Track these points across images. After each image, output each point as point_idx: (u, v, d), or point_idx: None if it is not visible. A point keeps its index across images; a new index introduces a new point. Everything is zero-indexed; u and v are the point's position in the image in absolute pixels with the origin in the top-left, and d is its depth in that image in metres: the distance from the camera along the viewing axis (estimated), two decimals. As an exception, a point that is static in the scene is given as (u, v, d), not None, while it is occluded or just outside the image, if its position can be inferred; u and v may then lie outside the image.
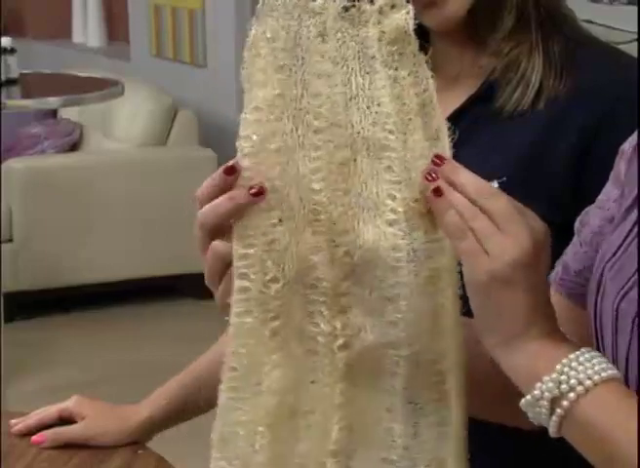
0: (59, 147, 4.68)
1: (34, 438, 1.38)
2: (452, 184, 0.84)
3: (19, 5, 6.05)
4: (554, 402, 0.83)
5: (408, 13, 0.85)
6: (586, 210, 1.02)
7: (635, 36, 2.72)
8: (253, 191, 0.84)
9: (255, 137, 0.85)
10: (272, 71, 0.85)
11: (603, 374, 0.83)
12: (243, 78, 0.86)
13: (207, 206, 0.86)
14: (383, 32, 0.85)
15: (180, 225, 4.42)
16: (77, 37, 6.06)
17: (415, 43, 0.86)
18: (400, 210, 0.84)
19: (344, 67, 0.85)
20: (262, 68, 0.85)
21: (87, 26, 5.96)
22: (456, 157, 0.87)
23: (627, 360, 0.89)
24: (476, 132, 1.22)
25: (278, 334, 0.86)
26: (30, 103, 3.71)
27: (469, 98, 1.26)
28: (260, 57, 0.85)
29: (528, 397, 0.84)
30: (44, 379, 3.76)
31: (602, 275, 0.93)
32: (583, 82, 1.22)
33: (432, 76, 0.86)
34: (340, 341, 0.86)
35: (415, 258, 0.84)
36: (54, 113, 4.92)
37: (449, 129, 0.88)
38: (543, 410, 0.83)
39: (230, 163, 0.85)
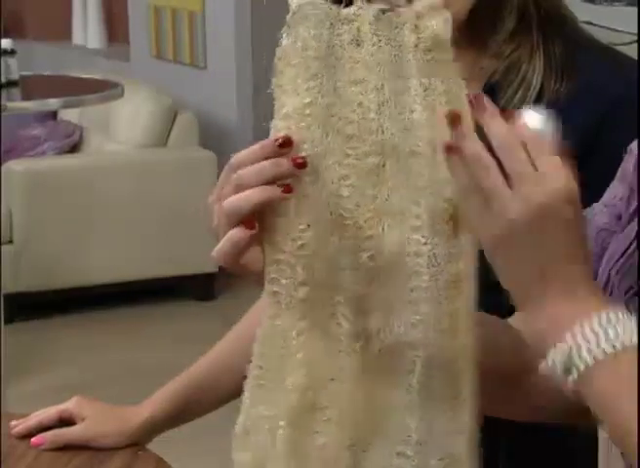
0: (59, 149, 4.68)
1: (33, 440, 1.38)
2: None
3: (18, 7, 6.06)
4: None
5: (446, 21, 0.85)
6: (592, 206, 1.03)
7: (635, 37, 2.73)
8: (298, 162, 0.85)
9: None
10: (303, 80, 0.85)
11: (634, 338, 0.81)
12: (274, 86, 0.87)
13: (249, 167, 0.86)
14: (420, 39, 0.86)
15: (180, 226, 4.43)
16: (77, 38, 6.06)
17: (450, 51, 0.87)
18: (424, 217, 0.86)
19: (379, 72, 0.85)
20: (293, 77, 0.86)
21: (87, 28, 5.96)
22: None
23: None
24: (478, 135, 1.22)
25: (302, 335, 0.88)
26: (30, 105, 3.72)
27: None
28: (291, 66, 0.86)
29: (561, 344, 0.82)
30: (44, 380, 3.77)
31: (609, 276, 0.94)
32: (584, 83, 1.23)
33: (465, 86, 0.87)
34: (362, 341, 0.88)
35: (435, 264, 0.86)
36: (54, 115, 4.92)
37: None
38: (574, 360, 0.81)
39: (284, 135, 0.85)
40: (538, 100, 1.23)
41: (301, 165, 0.85)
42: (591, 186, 1.20)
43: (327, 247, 0.86)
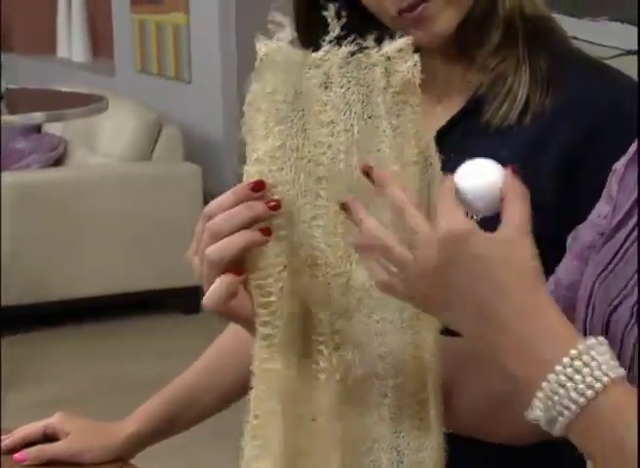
0: (43, 162, 4.67)
1: (16, 456, 1.37)
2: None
3: (3, 20, 6.05)
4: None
5: (415, 64, 0.86)
6: (579, 227, 1.03)
7: (618, 52, 2.74)
8: (271, 204, 0.86)
9: None
10: (273, 124, 0.86)
11: (618, 370, 0.80)
12: (244, 132, 0.88)
13: (222, 214, 0.87)
14: (390, 82, 0.86)
15: (164, 240, 4.42)
16: (62, 52, 6.06)
17: (419, 95, 0.88)
18: None
19: (347, 113, 0.87)
20: (264, 122, 0.87)
21: (71, 41, 5.96)
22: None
23: None
24: (465, 147, 1.23)
25: (289, 375, 0.89)
26: (15, 119, 3.71)
27: (458, 114, 1.26)
28: (261, 111, 0.87)
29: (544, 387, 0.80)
30: (34, 394, 3.75)
31: (592, 290, 0.94)
32: (570, 97, 1.23)
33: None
34: (337, 376, 0.89)
35: None
36: (38, 128, 4.91)
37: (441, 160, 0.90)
38: (560, 405, 0.80)
39: (255, 179, 0.86)
40: (523, 113, 1.24)
41: (276, 207, 0.86)
42: (576, 202, 1.21)
43: (301, 286, 0.88)
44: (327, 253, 0.88)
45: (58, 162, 4.75)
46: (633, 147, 0.98)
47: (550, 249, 1.08)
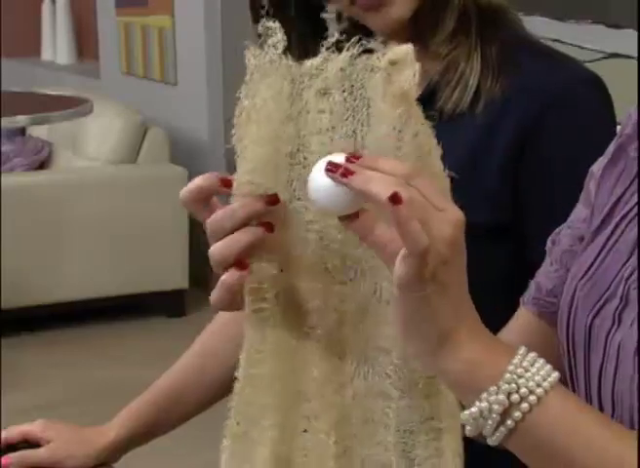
0: (27, 165, 4.66)
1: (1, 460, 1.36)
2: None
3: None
4: (504, 413, 0.79)
5: (414, 75, 0.84)
6: (557, 230, 1.03)
7: (602, 55, 2.76)
8: (269, 199, 0.85)
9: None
10: (264, 133, 0.85)
11: (550, 379, 0.80)
12: (234, 142, 0.86)
13: (221, 211, 0.86)
14: (388, 90, 0.84)
15: (150, 243, 4.41)
16: (46, 55, 6.05)
17: (415, 104, 0.84)
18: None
19: (350, 118, 0.85)
20: (255, 132, 0.85)
21: (56, 44, 5.95)
22: None
23: (600, 376, 0.89)
24: None
25: (277, 382, 0.87)
26: (-1, 122, 3.71)
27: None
28: (252, 121, 0.85)
29: (473, 409, 0.80)
30: (13, 400, 3.73)
31: (574, 294, 0.94)
32: (520, 83, 1.25)
33: (437, 143, 0.86)
34: (334, 386, 0.87)
35: None
36: (22, 131, 4.90)
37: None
38: (489, 422, 0.80)
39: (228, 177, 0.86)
40: (475, 99, 1.25)
41: (274, 201, 0.85)
42: (525, 187, 1.21)
43: (298, 291, 0.86)
44: (326, 259, 0.86)
45: (42, 165, 4.74)
46: (610, 149, 0.98)
47: (503, 238, 1.10)
